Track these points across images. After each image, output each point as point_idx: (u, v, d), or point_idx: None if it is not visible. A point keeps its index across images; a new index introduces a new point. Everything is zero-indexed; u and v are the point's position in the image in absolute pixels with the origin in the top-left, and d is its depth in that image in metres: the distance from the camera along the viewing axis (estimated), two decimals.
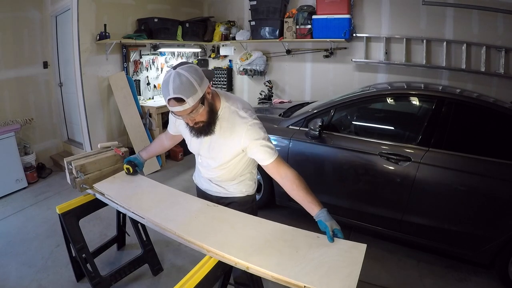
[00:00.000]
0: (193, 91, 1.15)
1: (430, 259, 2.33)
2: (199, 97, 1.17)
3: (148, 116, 4.08)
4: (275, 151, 1.34)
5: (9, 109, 3.62)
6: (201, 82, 1.18)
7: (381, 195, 2.27)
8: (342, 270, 1.08)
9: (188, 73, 1.15)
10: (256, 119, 1.35)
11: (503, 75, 3.36)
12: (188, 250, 1.33)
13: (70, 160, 1.83)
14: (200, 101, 1.19)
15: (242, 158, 1.43)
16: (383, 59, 3.90)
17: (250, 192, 1.58)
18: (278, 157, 1.34)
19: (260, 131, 1.33)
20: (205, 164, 1.50)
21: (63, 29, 3.84)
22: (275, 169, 1.34)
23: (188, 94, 1.14)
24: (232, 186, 1.53)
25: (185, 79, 1.14)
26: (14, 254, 2.36)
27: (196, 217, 1.42)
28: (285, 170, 1.33)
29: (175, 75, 1.15)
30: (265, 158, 1.32)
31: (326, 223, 1.24)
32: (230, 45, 4.82)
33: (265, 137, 1.34)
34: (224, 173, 1.47)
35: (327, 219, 1.25)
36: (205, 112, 1.25)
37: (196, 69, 1.20)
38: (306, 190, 1.30)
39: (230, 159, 1.40)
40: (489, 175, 1.95)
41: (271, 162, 1.32)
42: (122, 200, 1.62)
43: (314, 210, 1.28)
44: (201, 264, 1.17)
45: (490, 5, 3.24)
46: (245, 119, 1.31)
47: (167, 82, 1.16)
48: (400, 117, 2.66)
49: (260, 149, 1.31)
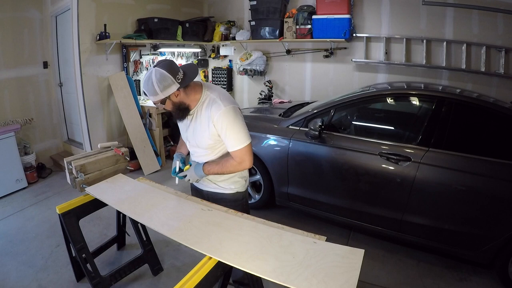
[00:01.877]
0: (154, 93, 1.38)
1: (430, 259, 2.33)
2: (159, 98, 1.39)
3: (148, 116, 4.08)
4: (243, 141, 1.43)
5: (9, 109, 3.62)
6: (164, 89, 1.36)
7: (381, 195, 2.27)
8: (340, 276, 1.06)
9: (156, 80, 1.35)
10: (234, 107, 1.45)
11: (503, 75, 3.36)
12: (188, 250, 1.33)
13: (70, 160, 1.84)
14: (160, 101, 1.41)
15: (225, 148, 1.52)
16: (383, 59, 3.90)
17: (240, 189, 1.64)
18: (244, 148, 1.44)
19: (230, 117, 1.42)
20: (194, 152, 1.63)
21: (63, 29, 3.84)
22: (234, 154, 1.46)
23: (150, 94, 1.39)
24: (222, 182, 1.60)
25: (150, 84, 1.36)
26: (14, 254, 2.36)
27: (190, 222, 1.41)
28: (237, 159, 1.46)
29: (149, 75, 1.37)
30: (229, 146, 1.45)
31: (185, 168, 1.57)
32: (230, 45, 4.82)
33: (234, 123, 1.42)
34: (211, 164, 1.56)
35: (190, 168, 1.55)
36: (169, 104, 1.44)
37: (165, 78, 1.36)
38: (220, 166, 1.49)
39: (212, 144, 1.51)
40: (489, 175, 1.94)
41: (233, 150, 1.45)
42: (115, 204, 1.61)
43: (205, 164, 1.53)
44: (201, 264, 1.17)
45: (490, 5, 3.24)
46: (220, 105, 1.42)
47: (146, 78, 1.39)
48: (400, 117, 2.66)
49: (228, 133, 1.42)
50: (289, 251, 1.20)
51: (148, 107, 4.10)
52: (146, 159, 3.92)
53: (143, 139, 3.95)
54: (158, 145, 4.13)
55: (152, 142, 4.02)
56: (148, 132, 4.05)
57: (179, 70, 1.39)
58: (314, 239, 1.28)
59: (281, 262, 1.14)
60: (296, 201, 2.64)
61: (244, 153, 1.44)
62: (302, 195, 2.57)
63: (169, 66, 1.37)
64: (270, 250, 1.20)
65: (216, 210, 1.51)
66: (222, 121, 1.41)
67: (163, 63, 1.38)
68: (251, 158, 1.47)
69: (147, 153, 3.94)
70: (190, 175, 1.55)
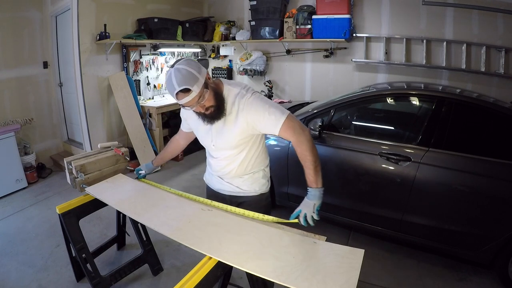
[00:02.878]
0: (195, 79, 1.22)
1: (430, 259, 2.33)
2: (201, 83, 1.24)
3: (148, 116, 4.08)
4: (280, 115, 1.30)
5: (9, 109, 3.62)
6: (199, 70, 1.25)
7: (381, 195, 2.27)
8: (339, 276, 1.06)
9: (185, 66, 1.23)
10: (255, 93, 1.37)
11: (503, 75, 3.36)
12: (188, 250, 1.33)
13: (70, 160, 1.84)
14: (204, 86, 1.25)
15: (252, 146, 1.45)
16: (383, 59, 3.90)
17: (264, 191, 1.58)
18: (286, 120, 1.30)
19: (260, 102, 1.33)
20: (217, 156, 1.50)
21: (63, 29, 3.84)
22: (285, 135, 1.33)
23: (191, 83, 1.22)
24: (244, 183, 1.52)
25: (184, 71, 1.22)
26: (14, 254, 2.36)
27: (190, 222, 1.40)
28: (295, 137, 1.33)
29: (175, 71, 1.23)
30: (273, 127, 1.32)
31: (303, 205, 1.34)
32: (230, 45, 4.83)
33: (265, 105, 1.32)
34: (235, 166, 1.47)
35: (306, 200, 1.34)
36: (211, 96, 1.30)
37: (192, 60, 1.28)
38: (308, 165, 1.34)
39: (241, 141, 1.41)
40: (489, 175, 1.94)
41: (279, 129, 1.31)
42: (115, 204, 1.61)
43: (309, 185, 1.36)
44: (201, 264, 1.17)
45: (490, 5, 3.24)
46: (245, 96, 1.34)
47: (169, 80, 1.24)
48: (400, 117, 2.66)
49: (264, 119, 1.32)
50: (289, 251, 1.19)
51: (148, 107, 4.10)
52: (146, 159, 3.92)
53: (143, 139, 3.95)
54: (158, 145, 4.13)
55: (152, 142, 4.02)
56: (148, 132, 4.05)
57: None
58: (314, 239, 1.28)
59: (281, 262, 1.13)
60: (296, 201, 2.62)
61: (291, 121, 1.31)
62: (302, 195, 2.54)
63: (179, 60, 1.30)
64: (270, 250, 1.20)
65: (216, 210, 1.51)
66: (253, 108, 1.32)
67: (173, 63, 1.29)
68: (301, 123, 1.35)
69: (147, 153, 3.94)
70: (308, 207, 1.32)
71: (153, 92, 4.56)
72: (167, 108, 4.24)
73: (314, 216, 1.30)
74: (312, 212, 1.30)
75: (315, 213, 1.30)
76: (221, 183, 1.56)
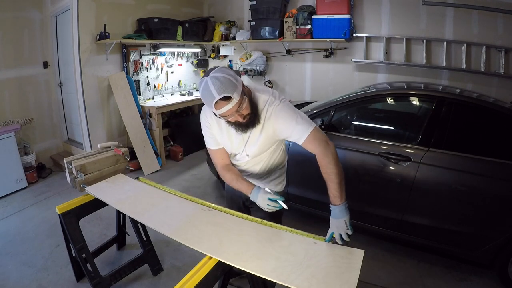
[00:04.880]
0: (234, 86, 1.19)
1: (430, 259, 2.33)
2: (240, 90, 1.22)
3: (148, 116, 4.08)
4: (307, 126, 1.30)
5: (9, 109, 3.62)
6: (236, 78, 1.23)
7: (381, 195, 2.27)
8: (339, 276, 1.06)
9: (223, 73, 1.20)
10: (283, 101, 1.36)
11: (503, 75, 3.36)
12: (188, 250, 1.33)
13: (70, 160, 1.84)
14: (242, 93, 1.24)
15: (276, 148, 1.49)
16: (383, 59, 3.90)
17: (280, 189, 1.62)
18: (313, 132, 1.30)
19: (288, 111, 1.33)
20: (241, 163, 1.52)
21: (63, 29, 3.84)
22: (309, 146, 1.32)
23: (232, 90, 1.19)
24: (262, 183, 1.55)
25: (223, 79, 1.18)
26: (14, 254, 2.36)
27: (190, 222, 1.40)
28: (319, 149, 1.30)
29: (212, 79, 1.19)
30: (298, 137, 1.32)
31: (333, 226, 1.25)
32: (230, 45, 4.83)
33: (294, 115, 1.32)
34: (262, 165, 1.51)
35: (335, 220, 1.25)
36: (248, 104, 1.28)
37: (226, 68, 1.26)
38: (332, 179, 1.29)
39: (266, 149, 1.44)
40: (489, 175, 1.94)
41: (304, 139, 1.31)
42: (115, 204, 1.61)
43: (333, 202, 1.28)
44: (201, 264, 1.17)
45: (490, 5, 3.24)
46: (274, 103, 1.33)
47: (207, 89, 1.19)
48: (400, 117, 2.66)
49: (290, 128, 1.32)
50: (289, 251, 1.20)
51: (148, 107, 4.10)
52: (146, 159, 3.92)
53: (143, 139, 3.95)
54: (158, 145, 4.13)
55: (152, 142, 4.02)
56: (148, 132, 4.05)
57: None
58: (314, 239, 1.28)
59: (281, 262, 1.13)
60: (296, 201, 2.63)
61: (317, 133, 1.31)
62: (302, 195, 2.57)
63: (213, 68, 1.26)
64: (270, 250, 1.20)
65: (216, 210, 1.51)
66: (281, 116, 1.32)
67: (207, 72, 1.24)
68: (327, 137, 1.34)
69: (147, 153, 3.94)
70: (339, 226, 1.25)
71: (153, 92, 4.56)
72: (167, 108, 4.24)
73: (349, 232, 1.24)
74: (346, 229, 1.23)
75: (349, 229, 1.24)
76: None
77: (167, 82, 4.77)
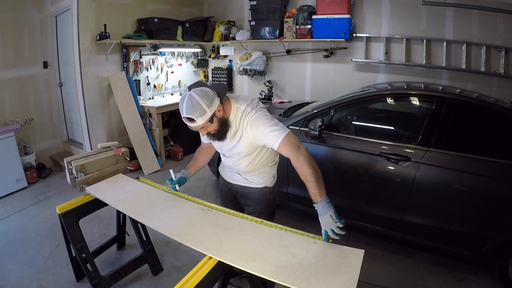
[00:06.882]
0: (202, 112, 1.32)
1: (430, 259, 2.33)
2: (208, 116, 1.34)
3: (148, 116, 4.08)
4: (281, 132, 1.38)
5: (9, 109, 3.62)
6: (210, 104, 1.33)
7: (381, 195, 2.27)
8: (339, 276, 1.06)
9: (199, 97, 1.31)
10: (259, 110, 1.44)
11: (503, 75, 3.36)
12: (188, 250, 1.33)
13: (70, 160, 1.84)
14: (209, 120, 1.35)
15: (261, 150, 1.56)
16: (383, 59, 3.90)
17: (268, 185, 1.68)
18: (285, 137, 1.38)
19: (262, 119, 1.42)
20: (229, 160, 1.64)
21: (63, 29, 3.84)
22: (283, 150, 1.39)
23: (197, 115, 1.31)
24: (251, 176, 1.64)
25: (195, 102, 1.30)
26: (14, 254, 2.36)
27: (190, 222, 1.41)
28: (292, 153, 1.37)
29: (188, 97, 1.32)
30: (273, 143, 1.40)
31: (323, 224, 1.29)
32: (230, 45, 4.82)
33: (267, 123, 1.41)
34: (248, 164, 1.58)
35: (322, 217, 1.30)
36: (215, 125, 1.41)
37: (207, 92, 1.34)
38: (309, 179, 1.34)
39: (251, 152, 1.53)
40: (489, 175, 1.94)
41: (277, 145, 1.38)
42: (115, 204, 1.61)
43: (314, 200, 1.34)
44: (201, 264, 1.17)
45: (490, 5, 3.24)
46: (249, 114, 1.43)
47: (182, 102, 1.34)
48: (400, 117, 2.66)
49: (265, 135, 1.40)
50: (289, 251, 1.20)
51: (148, 107, 4.10)
52: (146, 159, 3.92)
53: (143, 139, 3.95)
54: (158, 145, 4.13)
55: (152, 142, 4.02)
56: (148, 132, 4.05)
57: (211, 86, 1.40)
58: (314, 239, 1.28)
59: (281, 262, 1.14)
60: (296, 201, 2.64)
61: (290, 138, 1.38)
62: (302, 195, 2.56)
63: (202, 83, 1.38)
64: (270, 250, 1.21)
65: (216, 210, 1.51)
66: (256, 125, 1.41)
67: (195, 84, 1.37)
68: (299, 141, 1.42)
69: (147, 153, 3.94)
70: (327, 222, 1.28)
71: (153, 92, 4.56)
72: (167, 108, 4.24)
73: (339, 225, 1.27)
74: (334, 223, 1.27)
75: (337, 222, 1.27)
76: (232, 174, 1.69)
77: (167, 82, 4.78)
